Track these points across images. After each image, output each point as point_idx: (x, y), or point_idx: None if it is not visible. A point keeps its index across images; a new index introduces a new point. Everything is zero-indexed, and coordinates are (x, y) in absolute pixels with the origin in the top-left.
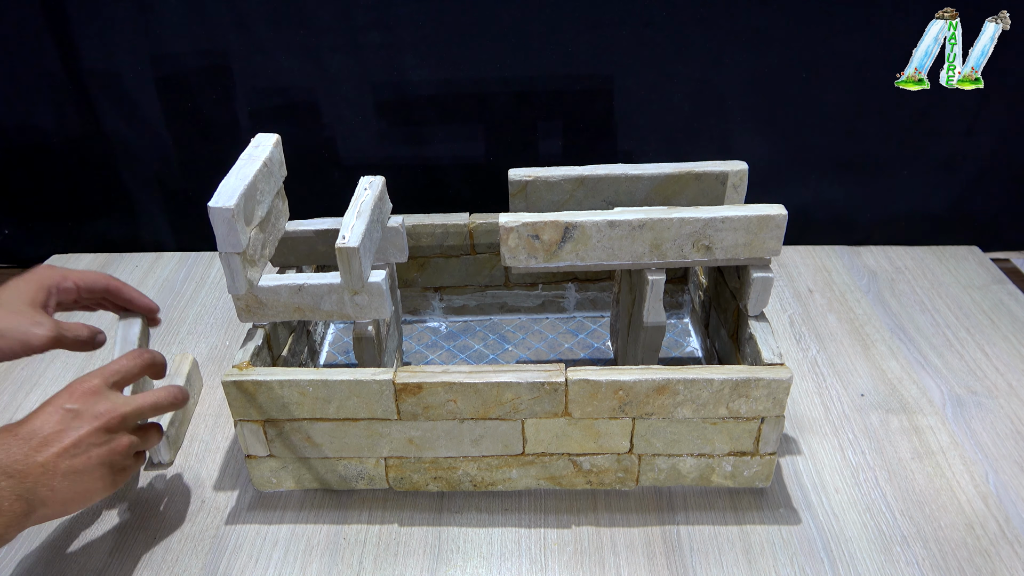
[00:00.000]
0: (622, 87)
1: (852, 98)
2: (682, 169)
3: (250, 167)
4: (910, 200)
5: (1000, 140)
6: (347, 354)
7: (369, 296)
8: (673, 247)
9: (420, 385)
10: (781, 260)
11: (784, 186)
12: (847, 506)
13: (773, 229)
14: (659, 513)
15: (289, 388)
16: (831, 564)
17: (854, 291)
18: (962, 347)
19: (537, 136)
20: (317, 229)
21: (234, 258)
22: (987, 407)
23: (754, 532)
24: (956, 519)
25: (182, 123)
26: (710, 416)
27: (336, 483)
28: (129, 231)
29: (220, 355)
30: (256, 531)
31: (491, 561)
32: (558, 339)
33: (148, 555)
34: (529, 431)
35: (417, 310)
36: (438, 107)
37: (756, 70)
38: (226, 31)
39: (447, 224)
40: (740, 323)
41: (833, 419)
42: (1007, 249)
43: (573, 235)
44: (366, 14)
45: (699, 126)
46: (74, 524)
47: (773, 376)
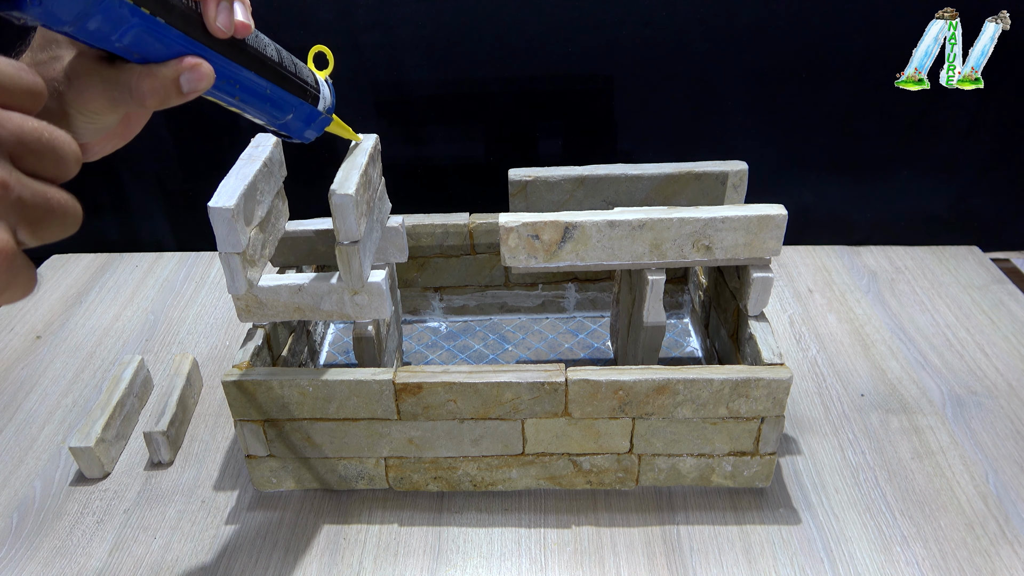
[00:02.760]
0: (622, 87)
1: (852, 98)
2: (682, 169)
3: (250, 167)
4: (910, 200)
5: (1000, 140)
6: (347, 354)
7: (369, 296)
8: (673, 247)
9: (420, 385)
10: (781, 260)
11: (784, 186)
12: (847, 506)
13: (773, 229)
14: (659, 513)
15: (289, 388)
16: (831, 564)
17: (854, 291)
18: (962, 347)
19: (537, 136)
20: (317, 229)
21: (234, 258)
22: (987, 407)
23: (754, 532)
24: (956, 519)
25: (182, 123)
26: (710, 416)
27: (336, 483)
28: (129, 231)
29: (220, 355)
30: (256, 531)
31: (491, 561)
32: (558, 339)
33: (148, 555)
34: (529, 431)
35: (417, 310)
36: (438, 107)
37: (756, 70)
38: None
39: (447, 224)
40: (740, 323)
41: (833, 419)
42: (1007, 249)
43: (573, 235)
44: (366, 14)
45: (699, 126)
46: (74, 524)
47: (773, 376)
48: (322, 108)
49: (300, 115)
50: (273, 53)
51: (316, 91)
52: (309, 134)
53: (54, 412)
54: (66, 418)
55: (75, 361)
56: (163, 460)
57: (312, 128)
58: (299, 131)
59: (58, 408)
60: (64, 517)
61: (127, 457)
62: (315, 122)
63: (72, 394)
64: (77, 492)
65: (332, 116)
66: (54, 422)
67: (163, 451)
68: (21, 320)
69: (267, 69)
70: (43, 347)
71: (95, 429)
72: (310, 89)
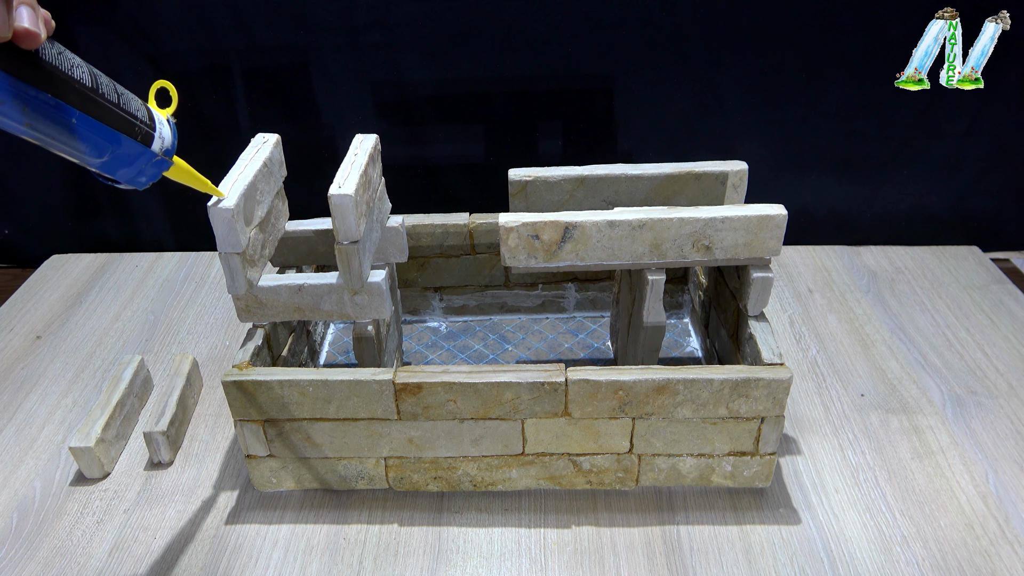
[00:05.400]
0: (622, 87)
1: (852, 98)
2: (682, 169)
3: (250, 167)
4: (910, 200)
5: (1000, 140)
6: (347, 354)
7: (369, 296)
8: (673, 247)
9: (420, 385)
10: (781, 260)
11: (784, 186)
12: (847, 506)
13: (773, 229)
14: (659, 513)
15: (289, 388)
16: (831, 564)
17: (854, 291)
18: (962, 347)
19: (537, 136)
20: (317, 229)
21: (234, 258)
22: (987, 407)
23: (754, 532)
24: (956, 519)
25: (182, 123)
26: (710, 416)
27: (336, 483)
28: (129, 231)
29: (220, 355)
30: (256, 531)
31: (491, 561)
32: (558, 339)
33: (148, 555)
34: (529, 431)
35: (417, 310)
36: (438, 107)
37: (756, 70)
38: (226, 31)
39: (447, 224)
40: (740, 323)
41: (833, 419)
42: (1007, 249)
43: (573, 235)
44: (366, 14)
45: (699, 126)
46: (74, 524)
47: (773, 376)
48: (157, 148)
49: (126, 155)
50: (85, 76)
51: (149, 128)
52: (138, 180)
53: (54, 412)
54: (66, 418)
55: (75, 361)
56: (163, 460)
57: (141, 173)
58: (127, 176)
59: (58, 408)
60: (64, 517)
61: (127, 457)
62: (148, 164)
63: (72, 394)
64: (77, 492)
65: (172, 161)
66: (54, 422)
67: (163, 451)
68: (21, 320)
69: (73, 93)
70: (43, 347)
71: (95, 429)
72: (139, 125)
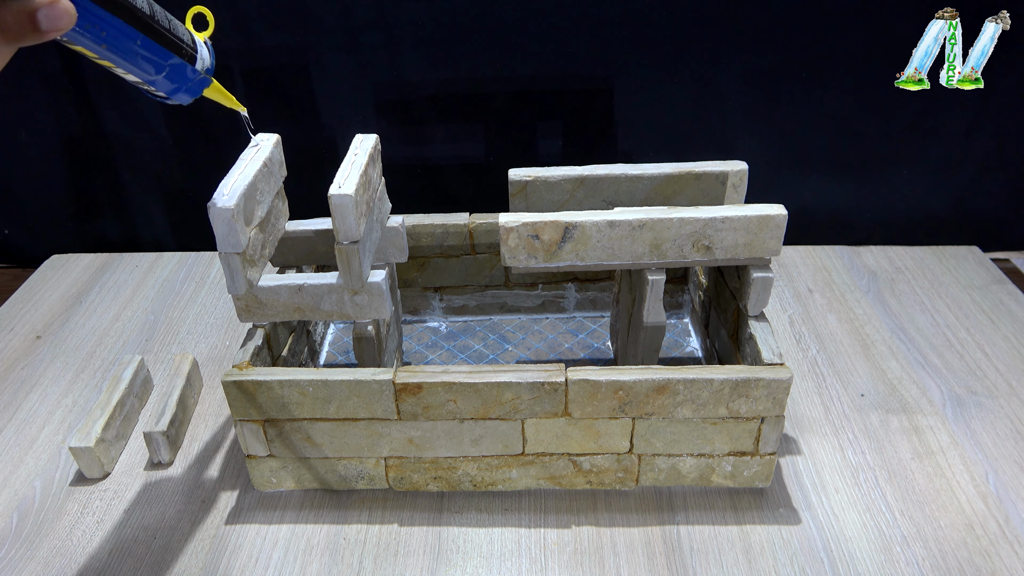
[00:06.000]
0: (622, 87)
1: (852, 98)
2: (682, 169)
3: (250, 167)
4: (910, 200)
5: (1000, 140)
6: (347, 354)
7: (369, 296)
8: (673, 247)
9: (420, 385)
10: (781, 260)
11: (784, 186)
12: (847, 506)
13: (773, 229)
14: (659, 513)
15: (289, 388)
16: (831, 564)
17: (854, 291)
18: (962, 347)
19: (537, 136)
20: (317, 229)
21: (234, 258)
22: (987, 407)
23: (754, 532)
24: (956, 519)
25: (182, 123)
26: (710, 416)
27: (336, 483)
28: (129, 231)
29: (220, 355)
30: (256, 531)
31: (491, 561)
32: (558, 339)
33: (148, 555)
34: (529, 431)
35: (417, 310)
36: (438, 107)
37: (756, 70)
38: (227, 31)
39: (447, 224)
40: (740, 323)
41: (833, 419)
42: (1007, 249)
43: (573, 235)
44: (366, 14)
45: (699, 126)
46: (74, 524)
47: (773, 376)
48: (200, 68)
49: (174, 74)
50: (144, 4)
51: (193, 50)
52: (184, 96)
53: (54, 412)
54: (66, 418)
55: (75, 361)
56: (163, 460)
57: (187, 90)
58: (174, 91)
59: (58, 408)
60: (64, 517)
61: (127, 457)
62: (191, 83)
63: (72, 394)
64: (77, 492)
65: (211, 79)
66: (54, 422)
67: (163, 451)
68: (21, 320)
69: (136, 19)
70: (43, 347)
71: (95, 429)
72: (186, 47)
